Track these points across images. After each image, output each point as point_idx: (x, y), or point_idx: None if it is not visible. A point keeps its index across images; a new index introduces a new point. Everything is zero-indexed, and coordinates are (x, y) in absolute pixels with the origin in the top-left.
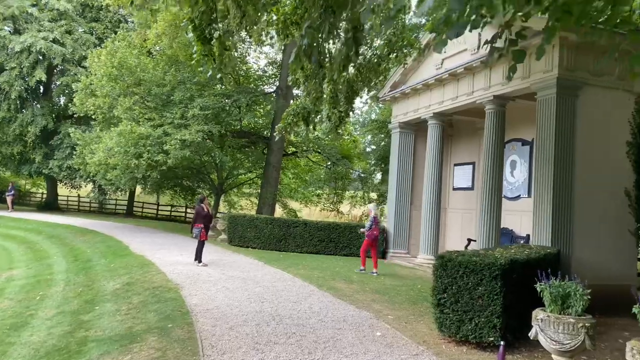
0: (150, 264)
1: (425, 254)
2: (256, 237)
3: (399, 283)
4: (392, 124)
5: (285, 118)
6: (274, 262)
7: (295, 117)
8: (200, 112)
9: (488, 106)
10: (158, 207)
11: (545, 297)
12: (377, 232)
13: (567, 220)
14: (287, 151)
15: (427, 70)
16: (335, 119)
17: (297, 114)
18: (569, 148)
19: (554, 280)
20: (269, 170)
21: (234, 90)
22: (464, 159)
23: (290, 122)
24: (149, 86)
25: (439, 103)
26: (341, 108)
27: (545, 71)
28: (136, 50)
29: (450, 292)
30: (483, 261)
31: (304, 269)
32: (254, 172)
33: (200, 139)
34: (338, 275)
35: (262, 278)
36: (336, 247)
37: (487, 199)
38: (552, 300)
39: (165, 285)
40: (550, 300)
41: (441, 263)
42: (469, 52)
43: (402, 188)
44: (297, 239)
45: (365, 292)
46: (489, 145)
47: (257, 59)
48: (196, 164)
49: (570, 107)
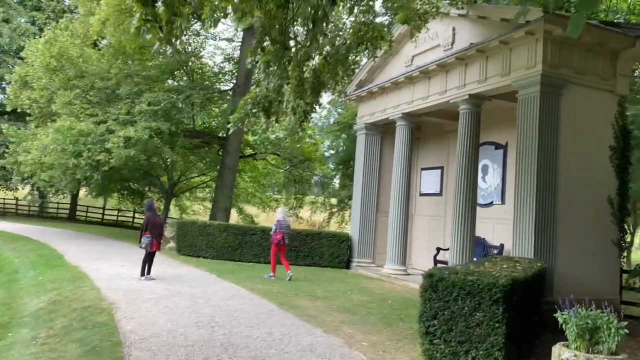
0: (84, 278)
1: (393, 264)
2: (208, 246)
3: (368, 299)
4: (357, 125)
5: (242, 107)
6: (228, 275)
7: (255, 106)
8: (148, 108)
9: (462, 106)
10: (104, 211)
11: (570, 330)
12: (280, 236)
13: (549, 230)
14: (244, 153)
15: (395, 67)
16: (300, 113)
17: (256, 104)
18: (553, 151)
19: (580, 309)
20: (225, 173)
21: (187, 85)
22: (432, 163)
23: (249, 113)
24: (93, 79)
25: (409, 103)
26: (307, 99)
27: (528, 67)
28: (79, 40)
29: (441, 319)
30: (481, 281)
31: (262, 283)
32: (207, 175)
33: (147, 137)
34: (301, 290)
35: (213, 294)
36: (297, 257)
37: (461, 205)
38: (578, 334)
39: (98, 304)
40: (576, 334)
41: (430, 283)
42: (441, 49)
43: (367, 193)
44: (254, 248)
45: (332, 311)
46: (463, 148)
47: (212, 55)
48: (144, 165)
49: (554, 107)
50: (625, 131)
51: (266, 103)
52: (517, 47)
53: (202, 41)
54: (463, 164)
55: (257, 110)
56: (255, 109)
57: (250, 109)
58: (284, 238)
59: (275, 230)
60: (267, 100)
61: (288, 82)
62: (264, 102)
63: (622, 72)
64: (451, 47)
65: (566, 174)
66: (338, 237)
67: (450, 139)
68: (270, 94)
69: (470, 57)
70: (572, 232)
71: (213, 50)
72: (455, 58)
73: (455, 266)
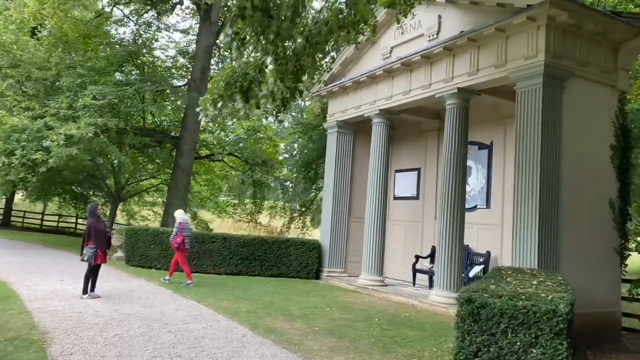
0: (13, 297)
1: (369, 274)
2: (162, 256)
3: (351, 316)
4: (328, 122)
5: (214, 88)
6: (186, 290)
7: (230, 87)
8: (93, 102)
9: (449, 101)
10: (43, 216)
11: None
12: (179, 239)
13: (553, 237)
14: (199, 153)
15: (371, 60)
16: (279, 99)
17: (232, 83)
18: (555, 152)
19: None
20: (178, 175)
21: (137, 79)
22: (407, 165)
23: (222, 95)
24: (29, 68)
25: (387, 98)
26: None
27: (528, 57)
28: (14, 25)
29: (485, 357)
30: (538, 308)
31: (228, 300)
32: (158, 178)
33: (91, 135)
34: (273, 308)
35: (172, 316)
36: (262, 267)
37: (448, 210)
38: None
39: (27, 335)
40: None
41: (471, 311)
42: (425, 38)
43: (339, 196)
44: (214, 257)
45: (315, 335)
46: (450, 147)
47: (166, 48)
48: (88, 167)
49: (557, 102)
50: (626, 129)
51: (245, 83)
52: (515, 35)
53: (154, 33)
54: (450, 164)
55: (233, 91)
56: (231, 90)
57: (224, 91)
58: (184, 242)
59: (177, 233)
60: (247, 80)
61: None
62: (242, 81)
63: (623, 65)
64: (437, 37)
65: (569, 176)
66: (308, 245)
67: (428, 138)
68: (250, 72)
69: (459, 47)
70: (575, 239)
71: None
72: (443, 48)
73: (488, 285)
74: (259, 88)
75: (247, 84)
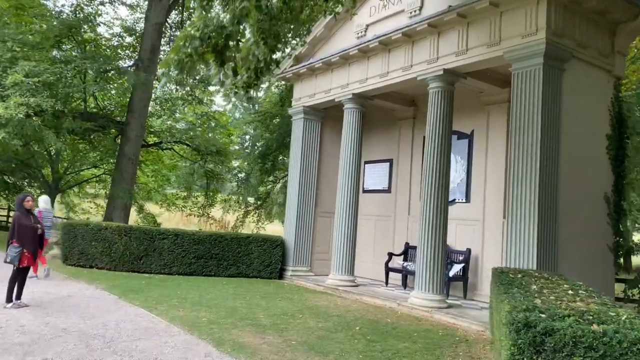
0: None
1: (339, 273)
2: (105, 254)
3: (328, 325)
4: (293, 108)
5: (181, 45)
6: (134, 295)
7: (203, 44)
8: (25, 80)
9: (433, 84)
10: None
11: None
12: None
13: (552, 234)
14: (147, 141)
15: (343, 39)
16: (252, 69)
17: (205, 39)
18: (555, 140)
19: None
20: (124, 164)
21: (78, 56)
22: (378, 156)
23: (191, 54)
24: None
25: (361, 81)
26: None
27: (526, 35)
28: None
29: None
30: (624, 335)
31: (183, 307)
32: (101, 167)
33: (22, 116)
34: (238, 316)
35: (117, 330)
36: (219, 266)
37: (430, 205)
38: None
39: None
40: None
41: (532, 339)
42: (406, 15)
43: (305, 189)
44: (164, 256)
45: (294, 352)
46: (433, 135)
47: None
48: (20, 154)
49: (557, 85)
50: (621, 118)
51: (220, 40)
52: (511, 11)
53: (97, 7)
54: (432, 155)
55: (205, 50)
56: (203, 48)
57: (195, 49)
58: (44, 232)
59: None
60: (222, 36)
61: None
62: (217, 38)
63: (620, 49)
64: (419, 13)
65: (566, 168)
66: (270, 242)
67: (402, 127)
68: (227, 26)
69: (446, 24)
70: (572, 236)
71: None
72: (428, 25)
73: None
74: (236, 48)
75: (222, 40)
